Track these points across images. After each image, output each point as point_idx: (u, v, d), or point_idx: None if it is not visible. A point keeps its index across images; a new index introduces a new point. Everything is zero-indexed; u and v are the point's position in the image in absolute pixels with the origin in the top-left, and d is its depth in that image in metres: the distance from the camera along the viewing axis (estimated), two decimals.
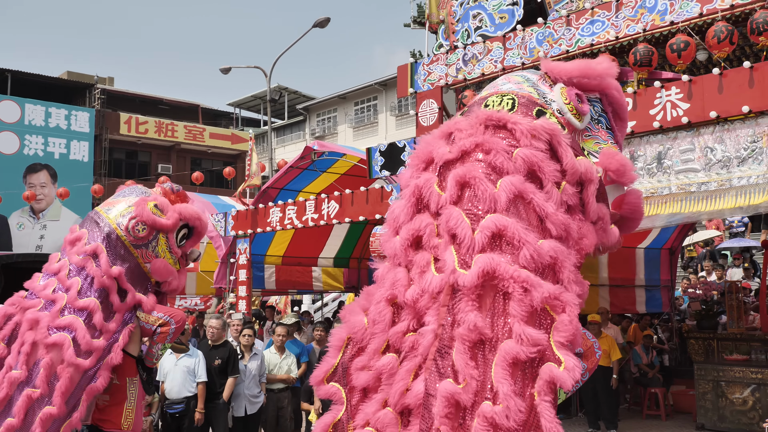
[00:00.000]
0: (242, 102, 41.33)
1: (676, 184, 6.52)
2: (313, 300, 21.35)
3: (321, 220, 10.31)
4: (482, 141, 3.08)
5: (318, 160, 11.65)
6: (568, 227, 2.90)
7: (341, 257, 14.36)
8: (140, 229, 5.17)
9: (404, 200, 3.16)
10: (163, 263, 5.25)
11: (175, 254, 5.39)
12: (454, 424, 2.64)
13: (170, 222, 5.32)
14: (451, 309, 2.79)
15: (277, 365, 8.85)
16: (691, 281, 14.31)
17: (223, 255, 12.47)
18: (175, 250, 5.40)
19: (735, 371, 9.50)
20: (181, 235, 5.47)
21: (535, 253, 2.76)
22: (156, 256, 5.26)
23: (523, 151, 3.00)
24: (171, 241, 5.34)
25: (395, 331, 2.95)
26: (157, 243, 5.27)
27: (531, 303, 2.66)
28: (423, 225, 3.04)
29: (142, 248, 5.20)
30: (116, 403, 5.18)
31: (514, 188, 2.91)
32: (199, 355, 7.96)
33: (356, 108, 35.29)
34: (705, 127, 6.48)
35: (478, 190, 2.95)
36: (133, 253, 5.17)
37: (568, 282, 2.76)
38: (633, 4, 7.18)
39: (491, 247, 2.82)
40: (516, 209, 2.90)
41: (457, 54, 8.55)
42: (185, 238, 5.54)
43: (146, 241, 5.21)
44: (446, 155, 3.12)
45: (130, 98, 34.93)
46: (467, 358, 2.66)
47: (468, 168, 3.01)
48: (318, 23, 21.47)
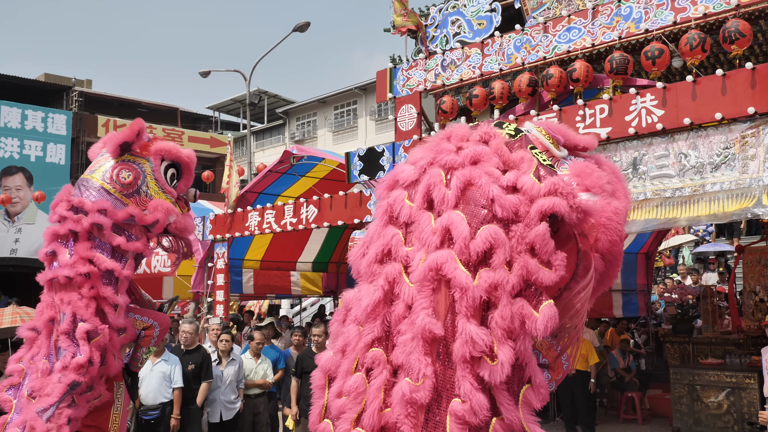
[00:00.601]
0: (222, 105, 41.16)
1: (651, 190, 6.59)
2: (291, 304, 21.28)
3: (300, 224, 10.30)
4: (435, 152, 3.18)
5: (297, 164, 11.64)
6: (516, 208, 2.90)
7: (320, 262, 14.34)
8: (125, 175, 4.95)
9: (377, 220, 3.18)
10: (159, 201, 5.01)
11: (169, 194, 5.16)
12: (416, 422, 2.66)
13: (149, 149, 5.08)
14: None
15: (252, 370, 8.82)
16: (667, 285, 14.44)
17: (200, 259, 12.39)
18: (168, 189, 5.16)
19: (710, 375, 9.61)
20: (169, 175, 5.22)
21: (465, 242, 2.78)
22: (150, 199, 5.03)
23: (469, 147, 3.07)
24: (161, 181, 5.10)
25: (360, 347, 2.95)
26: (148, 186, 5.04)
27: (473, 299, 2.69)
28: (390, 236, 3.07)
29: (135, 195, 4.97)
30: (103, 408, 5.04)
31: (463, 178, 2.96)
32: (176, 361, 7.92)
33: (336, 112, 35.29)
34: (679, 133, 6.56)
35: (435, 193, 2.99)
36: (126, 203, 4.94)
37: (499, 265, 2.77)
38: (609, 12, 7.26)
39: (444, 244, 2.85)
40: (465, 199, 2.93)
41: (435, 59, 8.59)
42: (175, 178, 5.30)
43: (136, 187, 4.97)
44: (410, 175, 3.17)
45: (108, 101, 34.63)
46: (421, 355, 2.69)
47: (429, 174, 3.07)
48: (298, 27, 21.46)
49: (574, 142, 3.36)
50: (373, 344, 2.94)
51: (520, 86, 7.86)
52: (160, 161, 5.13)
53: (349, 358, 3.00)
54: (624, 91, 7.10)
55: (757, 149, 6.07)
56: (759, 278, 10.00)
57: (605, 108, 6.97)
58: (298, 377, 8.45)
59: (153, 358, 7.87)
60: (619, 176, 3.39)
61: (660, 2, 6.90)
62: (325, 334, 8.71)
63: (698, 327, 10.90)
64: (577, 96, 7.51)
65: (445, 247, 2.86)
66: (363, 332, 2.99)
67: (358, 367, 2.96)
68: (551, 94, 7.72)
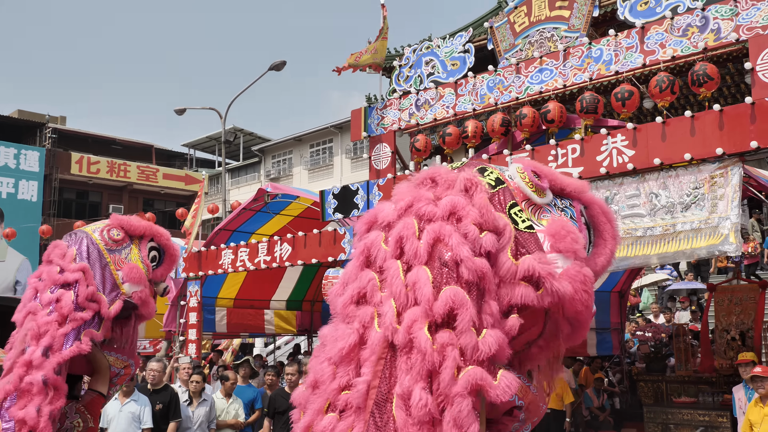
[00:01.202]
0: (197, 143, 41.11)
1: (623, 229, 6.65)
2: (265, 343, 21.04)
3: (273, 262, 10.23)
4: (413, 197, 3.11)
5: (271, 202, 11.60)
6: (483, 272, 2.89)
7: (294, 300, 14.23)
8: (115, 233, 5.06)
9: (354, 260, 3.17)
10: (135, 266, 5.07)
11: (147, 267, 5.19)
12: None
13: (143, 225, 5.23)
14: (389, 362, 2.78)
15: (224, 410, 8.67)
16: (639, 324, 14.52)
17: (173, 297, 12.23)
18: (147, 263, 5.20)
19: (683, 414, 9.61)
20: (150, 257, 5.30)
21: (429, 304, 2.75)
22: (128, 262, 5.12)
23: (447, 198, 3.04)
24: (143, 254, 5.18)
25: (332, 389, 2.94)
26: (130, 251, 5.13)
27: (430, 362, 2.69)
28: (366, 281, 3.01)
29: (116, 253, 5.06)
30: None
31: (433, 234, 2.89)
32: (145, 401, 7.77)
33: (312, 150, 35.39)
34: (650, 173, 6.65)
35: (407, 246, 2.94)
36: (106, 256, 5.03)
37: (462, 330, 2.72)
38: (579, 54, 7.40)
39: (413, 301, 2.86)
40: (433, 255, 2.90)
41: (410, 99, 8.67)
42: (154, 262, 5.35)
43: (120, 246, 5.08)
44: (388, 216, 3.14)
45: (82, 138, 34.44)
46: (404, 414, 2.68)
47: (403, 223, 3.01)
48: (274, 66, 21.61)
49: (561, 185, 3.31)
50: (346, 388, 2.91)
51: (493, 126, 7.95)
52: (148, 239, 5.29)
53: (321, 396, 2.97)
54: (595, 131, 7.21)
55: (725, 189, 6.17)
56: (730, 317, 10.08)
57: (577, 148, 7.07)
58: (270, 417, 8.32)
59: (122, 398, 7.71)
60: (609, 217, 3.34)
61: (629, 45, 7.05)
62: (299, 373, 8.61)
63: (671, 365, 10.93)
64: (550, 136, 7.61)
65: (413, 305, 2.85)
66: (337, 374, 2.96)
67: (331, 408, 2.93)
68: (524, 133, 7.82)
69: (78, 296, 4.87)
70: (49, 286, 4.87)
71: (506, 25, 8.18)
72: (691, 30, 6.68)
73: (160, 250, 5.39)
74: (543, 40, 7.82)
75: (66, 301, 4.79)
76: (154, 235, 5.32)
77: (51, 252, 5.13)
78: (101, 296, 5.00)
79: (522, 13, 8.03)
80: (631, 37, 7.07)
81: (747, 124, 6.14)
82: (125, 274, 5.03)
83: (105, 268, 5.06)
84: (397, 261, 2.93)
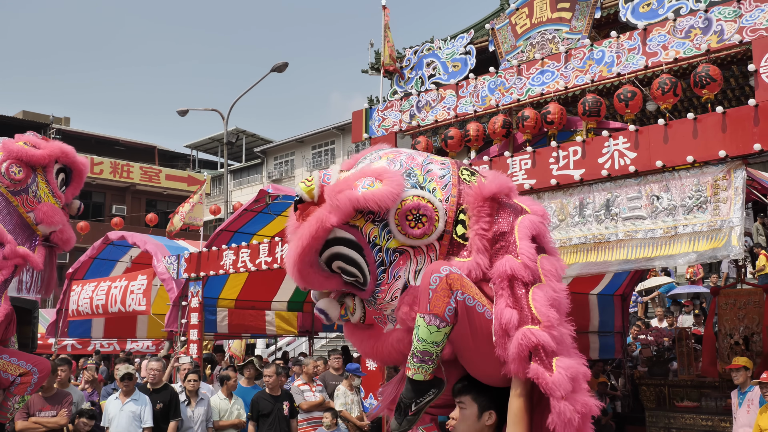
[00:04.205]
0: (199, 144, 41.15)
1: (624, 231, 6.61)
2: (267, 344, 21.03)
3: (275, 263, 10.21)
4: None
5: (272, 203, 11.59)
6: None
7: (295, 301, 14.20)
8: (16, 170, 4.47)
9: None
10: (50, 206, 4.57)
11: (59, 198, 4.71)
12: None
13: (45, 152, 4.65)
14: None
15: (227, 411, 8.64)
16: (641, 328, 14.45)
17: (174, 298, 12.22)
18: (58, 194, 4.71)
19: (686, 418, 9.56)
20: (59, 180, 4.78)
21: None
22: (39, 201, 4.59)
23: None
24: (52, 183, 4.66)
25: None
26: (38, 186, 4.58)
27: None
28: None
29: (22, 194, 4.52)
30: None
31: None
32: (145, 401, 7.77)
33: (314, 152, 35.39)
34: (652, 175, 6.61)
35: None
36: (12, 201, 4.49)
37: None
38: (581, 55, 7.36)
39: None
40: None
41: (410, 101, 8.64)
42: (64, 184, 4.85)
43: (25, 185, 4.51)
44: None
45: (85, 138, 34.51)
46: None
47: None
48: (276, 68, 21.60)
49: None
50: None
51: (494, 128, 7.91)
52: (53, 163, 4.73)
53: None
54: (597, 133, 7.17)
55: (728, 192, 6.13)
56: (734, 321, 10.03)
57: (578, 150, 7.03)
58: (254, 420, 8.27)
59: (123, 398, 7.72)
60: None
61: (631, 47, 7.01)
62: (276, 375, 8.57)
63: (674, 369, 10.88)
64: (551, 138, 7.58)
65: None
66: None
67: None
68: (526, 135, 7.78)
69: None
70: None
71: (507, 26, 8.14)
72: (694, 32, 6.63)
73: (67, 169, 4.86)
74: (544, 42, 7.78)
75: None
76: (59, 157, 4.76)
77: None
78: (24, 250, 4.42)
79: (523, 14, 7.99)
80: (633, 39, 7.02)
81: (750, 126, 6.09)
82: (39, 218, 4.54)
83: (12, 213, 4.52)
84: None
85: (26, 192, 4.53)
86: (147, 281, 12.59)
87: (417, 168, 3.34)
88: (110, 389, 9.33)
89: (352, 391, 8.90)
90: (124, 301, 12.88)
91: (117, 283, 13.21)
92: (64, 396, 7.41)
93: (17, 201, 4.50)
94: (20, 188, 4.51)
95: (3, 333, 4.75)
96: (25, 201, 4.52)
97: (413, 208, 3.18)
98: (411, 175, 3.30)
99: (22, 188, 4.51)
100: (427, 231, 3.19)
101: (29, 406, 6.91)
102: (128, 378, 7.77)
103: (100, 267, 15.41)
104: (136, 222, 29.25)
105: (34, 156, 4.55)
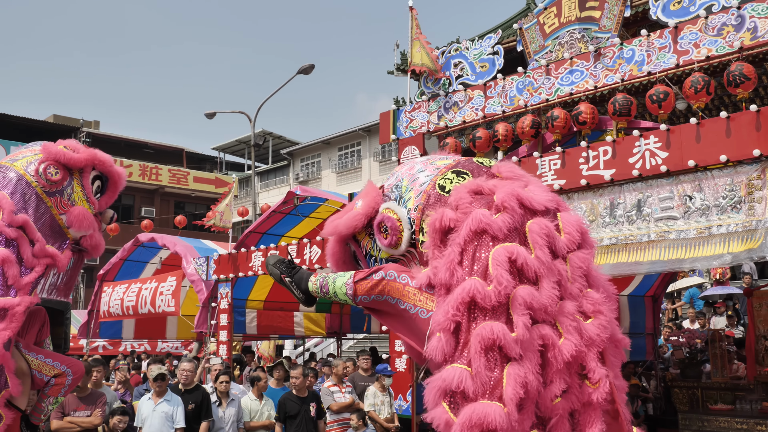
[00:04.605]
0: (227, 146, 41.44)
1: (655, 232, 6.54)
2: (294, 345, 21.10)
3: (303, 264, 10.24)
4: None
5: (301, 204, 11.64)
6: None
7: (323, 302, 14.23)
8: (53, 172, 4.50)
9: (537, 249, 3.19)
10: (82, 210, 4.55)
11: (92, 204, 4.70)
12: None
13: (83, 156, 4.65)
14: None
15: (258, 412, 8.68)
16: (673, 329, 14.26)
17: (204, 299, 12.33)
18: (92, 199, 4.71)
19: (720, 421, 9.40)
20: (95, 187, 4.79)
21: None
22: (72, 204, 4.59)
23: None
24: (87, 188, 4.67)
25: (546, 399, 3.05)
26: (73, 190, 4.60)
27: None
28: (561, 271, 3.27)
29: (57, 195, 4.52)
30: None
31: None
32: (178, 401, 7.84)
33: (340, 153, 35.46)
34: (684, 175, 6.52)
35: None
36: (46, 201, 4.48)
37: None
38: (611, 54, 7.29)
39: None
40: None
41: (438, 102, 8.62)
42: (99, 192, 4.85)
43: (60, 187, 4.53)
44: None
45: (115, 141, 34.94)
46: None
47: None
48: (302, 70, 21.66)
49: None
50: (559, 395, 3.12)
51: (523, 128, 7.87)
52: (90, 169, 4.76)
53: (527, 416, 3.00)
54: (627, 133, 7.10)
55: (763, 191, 6.03)
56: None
57: (609, 150, 6.96)
58: (281, 422, 8.28)
59: (155, 398, 7.79)
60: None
61: (662, 45, 6.93)
62: (303, 376, 8.59)
63: (707, 372, 10.72)
64: (581, 138, 7.51)
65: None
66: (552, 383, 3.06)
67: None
68: (556, 135, 7.72)
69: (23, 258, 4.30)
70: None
71: (536, 26, 8.09)
72: (727, 29, 6.54)
73: (103, 177, 4.86)
74: (573, 41, 7.72)
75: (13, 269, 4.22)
76: (95, 164, 4.77)
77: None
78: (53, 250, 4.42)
79: (552, 14, 7.94)
80: (664, 37, 6.94)
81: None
82: (70, 221, 4.53)
83: (46, 214, 4.50)
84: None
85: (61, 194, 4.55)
86: (176, 282, 12.72)
87: (407, 179, 3.61)
88: (143, 390, 9.42)
89: (383, 392, 8.89)
90: (154, 302, 13.03)
91: (147, 285, 13.36)
92: (99, 396, 7.50)
93: (51, 202, 4.51)
94: (55, 189, 4.53)
95: (37, 334, 4.80)
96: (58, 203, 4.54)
97: (381, 221, 3.53)
98: (398, 186, 3.62)
99: (58, 190, 4.54)
100: (392, 242, 3.50)
101: (64, 406, 7.02)
102: (161, 379, 7.84)
103: (131, 268, 15.60)
104: (164, 224, 29.57)
105: (72, 159, 4.59)
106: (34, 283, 4.37)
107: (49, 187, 4.51)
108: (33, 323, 4.71)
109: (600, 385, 3.04)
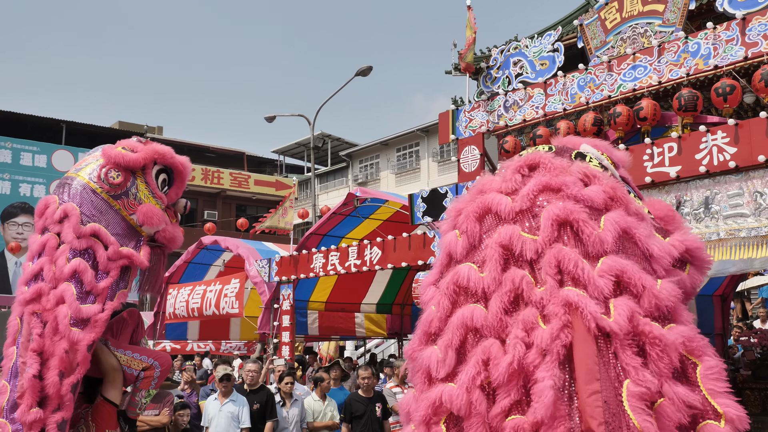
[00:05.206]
0: (286, 149, 41.97)
1: (725, 230, 6.36)
2: (356, 346, 21.24)
3: (363, 266, 10.31)
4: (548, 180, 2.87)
5: (360, 206, 11.73)
6: (670, 270, 2.75)
7: (384, 303, 14.31)
8: (114, 175, 4.56)
9: (490, 264, 2.79)
10: (149, 207, 4.60)
11: (160, 199, 4.76)
12: None
13: (141, 155, 4.68)
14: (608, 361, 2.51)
15: (321, 412, 8.78)
16: (743, 330, 13.83)
17: (267, 300, 12.53)
18: (159, 195, 4.76)
19: None
20: (161, 181, 4.83)
21: (655, 299, 2.58)
22: (139, 203, 4.64)
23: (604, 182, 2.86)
24: (152, 185, 4.72)
25: (493, 415, 2.61)
26: (137, 189, 4.66)
27: (672, 360, 2.48)
28: (518, 280, 2.73)
29: (123, 198, 4.58)
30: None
31: (617, 226, 2.72)
32: (243, 402, 7.98)
33: (398, 154, 35.51)
34: (754, 171, 6.33)
35: (583, 230, 2.71)
36: (113, 205, 4.56)
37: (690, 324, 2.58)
38: (675, 48, 7.13)
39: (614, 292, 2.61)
40: (624, 248, 2.71)
41: (498, 100, 8.57)
42: (166, 185, 4.90)
43: (125, 188, 4.59)
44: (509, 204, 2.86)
45: (177, 146, 35.42)
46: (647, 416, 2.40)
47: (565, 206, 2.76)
48: (360, 72, 21.80)
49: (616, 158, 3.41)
50: (512, 411, 2.61)
51: (585, 125, 7.76)
52: (152, 165, 4.80)
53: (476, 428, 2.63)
54: (693, 128, 6.93)
55: None
56: None
57: (674, 146, 6.81)
58: (348, 422, 8.33)
59: (221, 399, 7.95)
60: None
61: (729, 37, 6.74)
62: (373, 377, 8.63)
63: None
64: (644, 134, 7.36)
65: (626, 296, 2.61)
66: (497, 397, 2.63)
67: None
68: (618, 132, 7.59)
69: (98, 263, 4.39)
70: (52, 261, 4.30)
71: (597, 22, 7.97)
72: None
73: (168, 170, 4.90)
74: (636, 36, 7.58)
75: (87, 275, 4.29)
76: (156, 158, 4.79)
77: (44, 213, 4.51)
78: (128, 250, 4.51)
79: (613, 9, 7.81)
80: (731, 29, 6.75)
81: None
82: (141, 219, 4.59)
83: (116, 217, 4.56)
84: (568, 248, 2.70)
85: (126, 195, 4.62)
86: (240, 284, 12.96)
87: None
88: (209, 390, 9.63)
89: None
90: (218, 304, 13.30)
91: (211, 287, 13.65)
92: (166, 395, 7.69)
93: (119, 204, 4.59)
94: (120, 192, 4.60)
95: (132, 335, 4.97)
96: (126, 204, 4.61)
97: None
98: None
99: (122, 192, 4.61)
100: None
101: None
102: (227, 379, 8.00)
103: (195, 271, 15.96)
104: (226, 227, 30.12)
105: (131, 159, 4.65)
106: (113, 285, 4.47)
107: (113, 190, 4.59)
108: (126, 325, 4.85)
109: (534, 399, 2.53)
